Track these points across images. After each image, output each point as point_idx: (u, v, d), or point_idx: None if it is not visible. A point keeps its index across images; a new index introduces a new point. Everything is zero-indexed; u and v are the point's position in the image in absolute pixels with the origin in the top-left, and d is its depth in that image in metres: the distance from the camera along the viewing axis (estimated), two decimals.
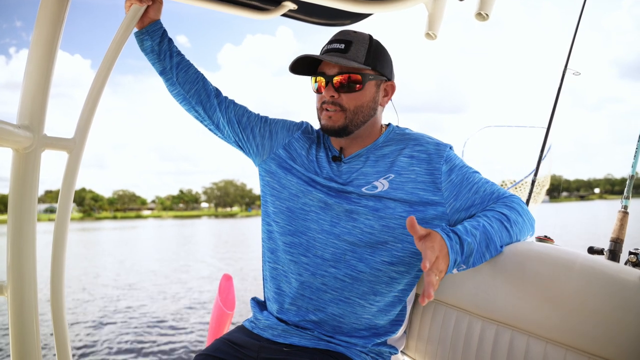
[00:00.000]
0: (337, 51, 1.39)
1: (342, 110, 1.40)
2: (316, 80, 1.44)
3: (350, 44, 1.39)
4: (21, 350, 1.14)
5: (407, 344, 1.59)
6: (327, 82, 1.40)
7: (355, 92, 1.39)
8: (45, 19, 1.15)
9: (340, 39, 1.41)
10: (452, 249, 1.21)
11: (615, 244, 1.53)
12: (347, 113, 1.40)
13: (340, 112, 1.40)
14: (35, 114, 1.15)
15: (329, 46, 1.42)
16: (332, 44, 1.41)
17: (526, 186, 2.65)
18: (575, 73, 2.15)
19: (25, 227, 1.14)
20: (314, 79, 1.45)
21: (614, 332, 1.11)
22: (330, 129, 1.42)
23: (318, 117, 1.47)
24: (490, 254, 1.31)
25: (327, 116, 1.41)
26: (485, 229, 1.29)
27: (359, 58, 1.38)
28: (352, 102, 1.40)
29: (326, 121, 1.42)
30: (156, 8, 1.52)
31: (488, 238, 1.29)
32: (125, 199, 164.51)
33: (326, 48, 1.42)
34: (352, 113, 1.41)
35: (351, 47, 1.39)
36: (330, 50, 1.40)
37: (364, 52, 1.40)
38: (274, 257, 1.48)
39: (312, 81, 1.46)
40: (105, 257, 20.97)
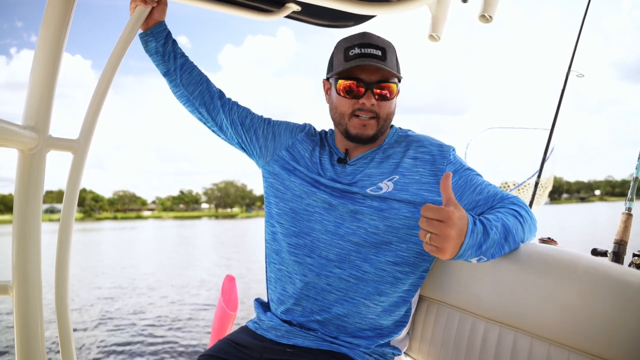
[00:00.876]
0: (376, 58, 1.35)
1: (375, 118, 1.39)
2: (349, 84, 1.37)
3: (385, 51, 1.36)
4: (26, 350, 1.14)
5: (410, 345, 1.59)
6: (367, 89, 1.36)
7: (389, 100, 1.39)
8: (51, 20, 1.15)
9: (376, 45, 1.37)
10: (471, 233, 1.15)
11: (619, 245, 1.53)
12: (380, 121, 1.40)
13: (374, 120, 1.39)
14: (41, 114, 1.15)
15: (364, 50, 1.35)
16: (368, 48, 1.36)
17: (529, 188, 2.65)
18: (579, 75, 2.15)
19: (30, 227, 1.15)
20: (344, 82, 1.37)
21: (617, 334, 1.11)
22: (363, 138, 1.40)
23: (342, 122, 1.42)
24: (509, 246, 1.27)
25: (360, 124, 1.38)
26: (504, 222, 1.26)
27: (394, 66, 1.38)
28: (385, 111, 1.39)
29: (359, 130, 1.39)
30: (161, 9, 1.53)
31: (507, 230, 1.25)
32: (125, 199, 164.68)
33: (360, 52, 1.36)
34: (383, 121, 1.40)
35: (387, 55, 1.37)
36: (367, 56, 1.35)
37: (395, 59, 1.40)
38: (278, 259, 1.49)
39: (339, 84, 1.38)
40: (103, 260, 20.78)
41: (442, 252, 1.12)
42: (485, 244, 1.19)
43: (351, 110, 1.39)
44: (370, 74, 1.36)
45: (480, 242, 1.18)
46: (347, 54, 1.37)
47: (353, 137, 1.41)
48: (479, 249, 1.18)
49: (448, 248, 1.11)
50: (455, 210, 1.12)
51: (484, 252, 1.21)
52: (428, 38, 1.75)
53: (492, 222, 1.23)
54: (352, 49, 1.37)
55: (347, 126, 1.41)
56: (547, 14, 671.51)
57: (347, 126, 1.41)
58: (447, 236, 1.10)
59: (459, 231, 1.12)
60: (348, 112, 1.40)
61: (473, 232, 1.15)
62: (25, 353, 1.14)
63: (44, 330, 1.19)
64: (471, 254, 1.18)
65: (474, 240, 1.16)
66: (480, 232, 1.18)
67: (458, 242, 1.13)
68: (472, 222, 1.16)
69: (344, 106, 1.40)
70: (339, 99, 1.40)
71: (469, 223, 1.15)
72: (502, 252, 1.27)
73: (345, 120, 1.41)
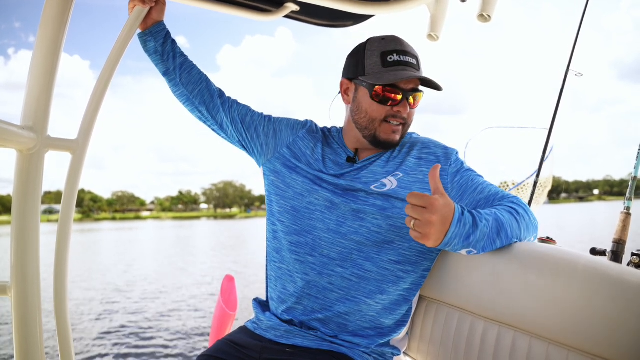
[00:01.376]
0: (414, 67, 1.38)
1: (403, 125, 1.42)
2: (388, 90, 1.37)
3: (418, 60, 1.40)
4: (25, 350, 1.14)
5: (410, 345, 1.59)
6: (403, 98, 1.37)
7: (414, 108, 1.42)
8: (49, 21, 1.15)
9: (411, 53, 1.40)
10: (457, 222, 1.16)
11: (618, 245, 1.54)
12: (405, 127, 1.43)
13: (402, 127, 1.42)
14: (39, 115, 1.15)
15: (403, 58, 1.37)
16: (406, 56, 1.38)
17: (528, 187, 2.65)
18: (578, 74, 2.15)
19: (29, 227, 1.15)
20: (381, 88, 1.37)
21: (616, 333, 1.11)
22: (392, 143, 1.43)
23: (371, 127, 1.42)
24: (501, 241, 1.27)
25: (390, 130, 1.40)
26: (497, 216, 1.26)
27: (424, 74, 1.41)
28: (411, 118, 1.44)
29: (389, 136, 1.41)
30: (159, 9, 1.53)
31: (500, 225, 1.26)
32: (124, 200, 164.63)
33: (400, 59, 1.37)
34: (408, 127, 1.44)
35: (419, 63, 1.40)
36: (407, 65, 1.37)
37: (422, 68, 1.43)
38: (279, 257, 1.49)
39: (376, 89, 1.37)
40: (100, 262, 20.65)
41: (426, 238, 1.15)
42: (473, 235, 1.20)
43: (384, 116, 1.40)
44: (407, 82, 1.38)
45: (469, 232, 1.19)
46: (386, 59, 1.37)
47: (381, 143, 1.42)
48: (466, 239, 1.19)
49: (431, 234, 1.14)
50: (440, 198, 1.14)
51: (473, 244, 1.21)
52: (427, 38, 1.76)
53: (484, 215, 1.24)
54: (390, 55, 1.37)
55: (377, 131, 1.41)
56: (546, 13, 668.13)
57: (376, 131, 1.42)
58: (430, 222, 1.12)
59: (442, 218, 1.14)
60: (380, 118, 1.40)
61: (460, 222, 1.17)
62: (24, 354, 1.14)
63: (43, 332, 1.19)
64: (458, 243, 1.19)
65: (460, 229, 1.17)
66: (469, 222, 1.19)
67: (442, 230, 1.15)
68: (459, 212, 1.18)
69: (376, 112, 1.40)
70: (373, 104, 1.40)
71: (456, 212, 1.17)
72: (494, 246, 1.27)
73: (376, 126, 1.41)
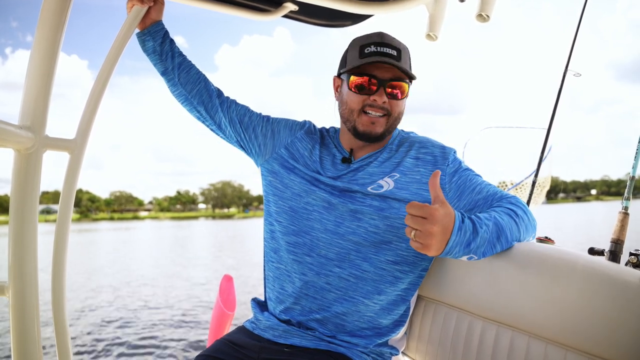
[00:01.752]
0: (392, 57, 1.36)
1: (386, 116, 1.39)
2: (362, 79, 1.37)
3: (400, 52, 1.38)
4: (22, 351, 1.13)
5: (408, 345, 1.59)
6: (379, 86, 1.36)
7: (400, 99, 1.39)
8: (47, 20, 1.15)
9: (392, 45, 1.37)
10: (458, 231, 1.16)
11: (615, 245, 1.54)
12: (390, 120, 1.40)
13: (383, 118, 1.39)
14: (37, 114, 1.15)
15: (380, 49, 1.36)
16: (384, 47, 1.36)
17: (527, 187, 2.66)
18: (576, 74, 2.15)
19: (26, 227, 1.14)
20: (357, 78, 1.38)
21: (614, 333, 1.11)
22: (371, 135, 1.40)
23: (351, 118, 1.42)
24: (501, 245, 1.27)
25: (369, 121, 1.39)
26: (496, 220, 1.26)
27: (408, 67, 1.39)
28: (396, 109, 1.40)
29: (367, 127, 1.39)
30: (158, 9, 1.52)
31: (499, 229, 1.25)
32: (122, 200, 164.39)
33: (376, 50, 1.36)
34: (393, 120, 1.41)
35: (402, 55, 1.38)
36: (383, 54, 1.36)
37: (409, 61, 1.41)
38: (277, 257, 1.48)
39: (352, 79, 1.39)
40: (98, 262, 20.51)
41: (427, 249, 1.13)
42: (474, 242, 1.19)
43: (361, 106, 1.39)
44: (384, 71, 1.36)
45: (469, 239, 1.18)
46: (363, 51, 1.37)
47: (361, 135, 1.41)
48: (467, 246, 1.19)
49: (432, 244, 1.13)
50: (440, 208, 1.13)
51: (474, 250, 1.21)
52: (425, 37, 1.76)
53: (483, 220, 1.23)
54: (368, 47, 1.37)
55: (356, 123, 1.41)
56: (544, 14, 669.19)
57: (355, 123, 1.41)
58: (430, 233, 1.11)
59: (443, 228, 1.13)
60: (358, 108, 1.39)
61: (460, 230, 1.16)
62: (21, 354, 1.13)
63: (40, 332, 1.18)
64: (459, 251, 1.18)
65: (461, 237, 1.16)
66: (469, 229, 1.18)
67: (443, 239, 1.14)
68: (459, 220, 1.17)
69: (354, 102, 1.40)
70: (350, 94, 1.40)
71: (456, 220, 1.16)
72: (494, 250, 1.27)
73: (354, 117, 1.41)
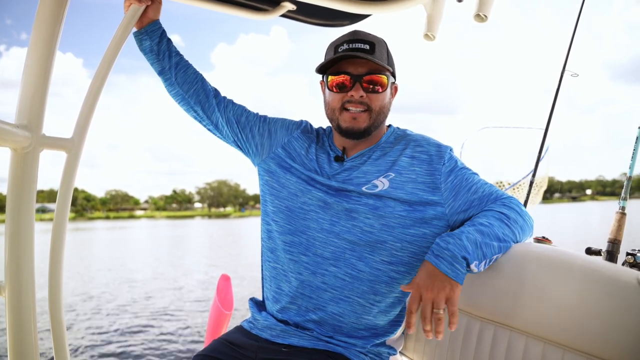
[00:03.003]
0: (363, 51, 1.36)
1: (367, 111, 1.39)
2: (337, 78, 1.38)
3: (373, 45, 1.38)
4: (19, 350, 1.13)
5: (406, 345, 1.59)
6: (355, 82, 1.36)
7: (380, 93, 1.39)
8: (44, 19, 1.14)
9: (363, 40, 1.38)
10: (438, 258, 1.22)
11: (612, 244, 1.54)
12: (372, 114, 1.39)
13: (365, 113, 1.39)
14: (34, 113, 1.14)
15: (352, 45, 1.37)
16: (355, 43, 1.37)
17: (524, 187, 2.66)
18: (574, 75, 2.16)
19: (23, 227, 1.14)
20: (334, 77, 1.39)
21: (611, 332, 1.11)
22: (355, 131, 1.40)
23: (334, 117, 1.43)
24: (498, 249, 1.29)
25: (350, 117, 1.39)
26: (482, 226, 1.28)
27: (384, 59, 1.39)
28: (377, 103, 1.39)
29: (350, 123, 1.39)
30: (155, 8, 1.52)
31: (490, 234, 1.27)
32: (118, 199, 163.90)
33: (348, 47, 1.37)
34: (376, 114, 1.40)
35: (375, 48, 1.38)
36: (355, 50, 1.36)
37: (385, 54, 1.40)
38: (274, 257, 1.48)
39: (328, 79, 1.41)
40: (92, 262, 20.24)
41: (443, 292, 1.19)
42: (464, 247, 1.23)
43: (341, 103, 1.39)
44: (358, 66, 1.37)
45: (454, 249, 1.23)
46: (337, 50, 1.39)
47: (344, 132, 1.41)
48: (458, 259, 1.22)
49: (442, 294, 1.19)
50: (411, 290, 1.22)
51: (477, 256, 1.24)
52: (423, 37, 1.76)
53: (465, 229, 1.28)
54: (340, 46, 1.39)
55: (339, 121, 1.41)
56: (540, 14, 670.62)
57: (338, 121, 1.41)
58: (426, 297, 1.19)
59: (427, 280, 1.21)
60: (338, 107, 1.40)
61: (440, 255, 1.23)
62: (18, 354, 1.13)
63: (37, 332, 1.18)
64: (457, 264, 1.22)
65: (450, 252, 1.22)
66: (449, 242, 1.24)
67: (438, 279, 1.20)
68: (431, 254, 1.25)
69: (334, 100, 1.41)
70: (330, 94, 1.42)
71: (429, 260, 1.24)
72: (490, 252, 1.28)
73: (337, 115, 1.41)
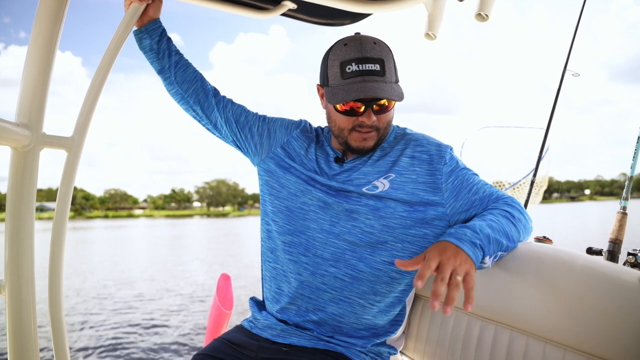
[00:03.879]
0: (374, 74, 1.30)
1: (376, 131, 1.37)
2: (351, 105, 1.33)
3: (383, 63, 1.31)
4: (19, 349, 1.13)
5: (406, 344, 1.59)
6: (367, 108, 1.32)
7: (388, 112, 1.37)
8: (45, 17, 1.14)
9: (372, 58, 1.30)
10: (460, 239, 1.16)
11: (614, 244, 1.54)
12: (380, 131, 1.38)
13: (374, 133, 1.37)
14: (34, 112, 1.14)
15: (362, 67, 1.30)
16: (365, 64, 1.30)
17: (524, 187, 2.67)
18: (575, 74, 2.15)
19: (23, 225, 1.13)
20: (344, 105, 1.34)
21: (612, 332, 1.11)
22: (364, 150, 1.39)
23: (342, 135, 1.39)
24: (506, 247, 1.28)
25: (361, 138, 1.36)
26: (492, 222, 1.27)
27: (393, 78, 1.34)
28: (384, 122, 1.37)
29: (360, 143, 1.37)
30: (156, 6, 1.51)
31: (502, 229, 1.26)
32: (116, 197, 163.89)
33: (358, 69, 1.30)
34: (383, 130, 1.39)
35: (385, 67, 1.31)
36: (366, 73, 1.30)
37: (394, 69, 1.35)
38: (273, 257, 1.48)
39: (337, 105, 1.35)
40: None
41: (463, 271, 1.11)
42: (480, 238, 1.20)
43: (351, 126, 1.36)
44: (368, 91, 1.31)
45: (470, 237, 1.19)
46: (344, 70, 1.31)
47: (354, 150, 1.40)
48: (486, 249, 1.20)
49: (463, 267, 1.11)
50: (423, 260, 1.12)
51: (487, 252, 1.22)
52: (424, 37, 1.75)
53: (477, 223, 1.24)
54: (348, 65, 1.31)
55: (348, 139, 1.39)
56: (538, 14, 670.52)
57: (347, 139, 1.39)
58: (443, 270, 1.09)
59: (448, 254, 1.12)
60: (348, 128, 1.37)
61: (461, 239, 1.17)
62: (18, 353, 1.12)
63: (37, 331, 1.17)
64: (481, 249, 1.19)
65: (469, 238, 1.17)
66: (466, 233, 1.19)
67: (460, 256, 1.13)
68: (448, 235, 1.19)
69: (343, 123, 1.37)
70: (339, 115, 1.37)
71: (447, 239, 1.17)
72: (499, 250, 1.27)
73: (345, 134, 1.39)
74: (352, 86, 1.29)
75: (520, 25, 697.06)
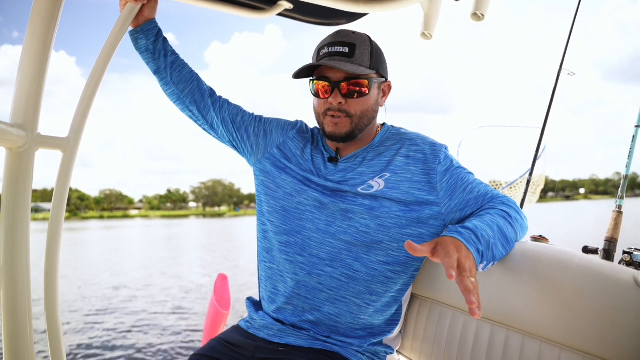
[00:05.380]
0: (342, 55, 1.33)
1: (348, 117, 1.37)
2: (318, 84, 1.37)
3: (354, 47, 1.34)
4: (14, 350, 1.12)
5: (403, 344, 1.59)
6: (333, 88, 1.34)
7: (361, 97, 1.36)
8: (39, 17, 1.13)
9: (343, 42, 1.35)
10: (468, 242, 1.16)
11: (609, 243, 1.55)
12: (354, 119, 1.37)
13: (346, 119, 1.37)
14: (29, 112, 1.14)
15: (331, 49, 1.35)
16: (335, 46, 1.35)
17: (521, 186, 2.68)
18: (570, 73, 2.16)
19: (18, 226, 1.13)
20: (316, 83, 1.38)
21: (608, 331, 1.12)
22: (337, 136, 1.39)
23: (319, 121, 1.43)
24: (505, 249, 1.29)
25: (332, 123, 1.38)
26: (491, 222, 1.27)
27: (365, 62, 1.35)
28: (358, 108, 1.37)
29: (332, 128, 1.38)
30: (151, 7, 1.51)
31: (500, 231, 1.27)
32: (112, 198, 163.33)
33: (328, 51, 1.35)
34: (357, 118, 1.38)
35: (356, 51, 1.34)
36: (333, 54, 1.34)
37: (368, 55, 1.36)
38: (269, 257, 1.48)
39: (312, 84, 1.40)
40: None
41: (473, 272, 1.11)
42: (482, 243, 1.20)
43: (323, 109, 1.39)
44: (336, 72, 1.34)
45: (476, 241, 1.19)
46: (319, 54, 1.37)
47: (329, 136, 1.41)
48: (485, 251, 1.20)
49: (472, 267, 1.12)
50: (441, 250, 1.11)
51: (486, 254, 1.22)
52: (420, 36, 1.76)
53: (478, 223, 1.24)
54: (322, 49, 1.37)
55: (323, 125, 1.41)
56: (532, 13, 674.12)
57: (323, 125, 1.41)
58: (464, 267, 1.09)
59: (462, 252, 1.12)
60: (322, 112, 1.40)
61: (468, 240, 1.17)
62: (13, 354, 1.12)
63: (33, 331, 1.17)
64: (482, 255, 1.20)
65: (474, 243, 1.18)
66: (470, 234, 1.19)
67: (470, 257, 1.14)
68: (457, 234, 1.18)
69: (318, 106, 1.41)
70: (314, 99, 1.42)
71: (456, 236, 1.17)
72: (503, 251, 1.28)
73: (321, 120, 1.41)
74: (319, 62, 1.34)
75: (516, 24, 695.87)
